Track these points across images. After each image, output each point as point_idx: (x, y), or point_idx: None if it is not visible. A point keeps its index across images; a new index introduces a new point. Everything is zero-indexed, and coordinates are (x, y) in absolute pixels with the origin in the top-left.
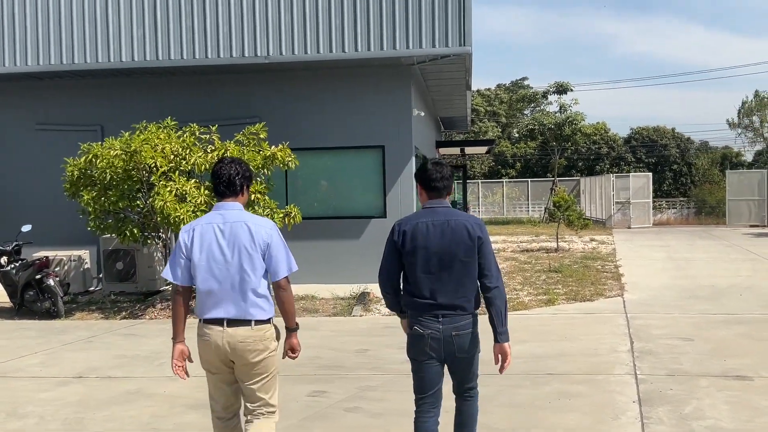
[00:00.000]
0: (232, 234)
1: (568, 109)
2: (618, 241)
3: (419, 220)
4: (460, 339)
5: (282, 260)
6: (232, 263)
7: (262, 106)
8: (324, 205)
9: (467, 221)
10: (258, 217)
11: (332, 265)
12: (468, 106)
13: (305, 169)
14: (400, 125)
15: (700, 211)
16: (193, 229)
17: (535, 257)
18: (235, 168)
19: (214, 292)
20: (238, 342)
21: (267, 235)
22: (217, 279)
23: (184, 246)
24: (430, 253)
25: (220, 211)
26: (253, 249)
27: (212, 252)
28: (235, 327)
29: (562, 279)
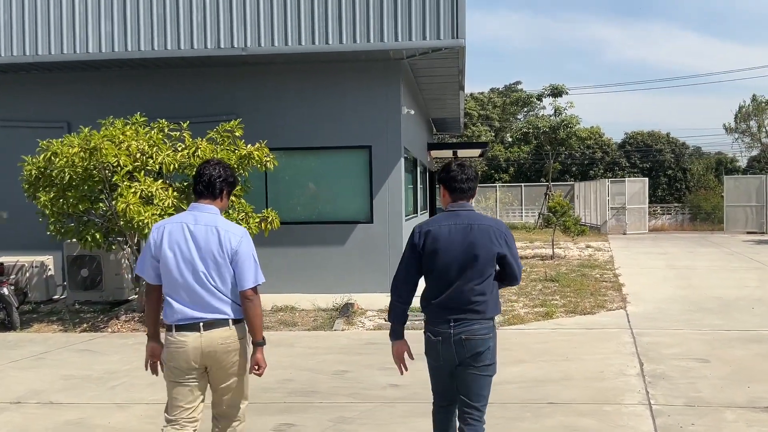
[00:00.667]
0: (201, 237)
1: (563, 113)
2: (615, 248)
3: (441, 224)
4: (470, 343)
5: (248, 270)
6: (198, 266)
7: (239, 103)
8: (306, 209)
9: (491, 224)
10: (230, 224)
11: (314, 273)
12: (461, 107)
13: (286, 171)
14: (388, 124)
15: (695, 217)
16: (163, 227)
17: (530, 265)
18: (218, 170)
19: (181, 294)
20: (218, 344)
21: (236, 242)
22: (184, 280)
23: (154, 244)
24: (450, 258)
25: (194, 212)
26: (221, 255)
27: (181, 252)
28: (213, 329)
29: (560, 289)
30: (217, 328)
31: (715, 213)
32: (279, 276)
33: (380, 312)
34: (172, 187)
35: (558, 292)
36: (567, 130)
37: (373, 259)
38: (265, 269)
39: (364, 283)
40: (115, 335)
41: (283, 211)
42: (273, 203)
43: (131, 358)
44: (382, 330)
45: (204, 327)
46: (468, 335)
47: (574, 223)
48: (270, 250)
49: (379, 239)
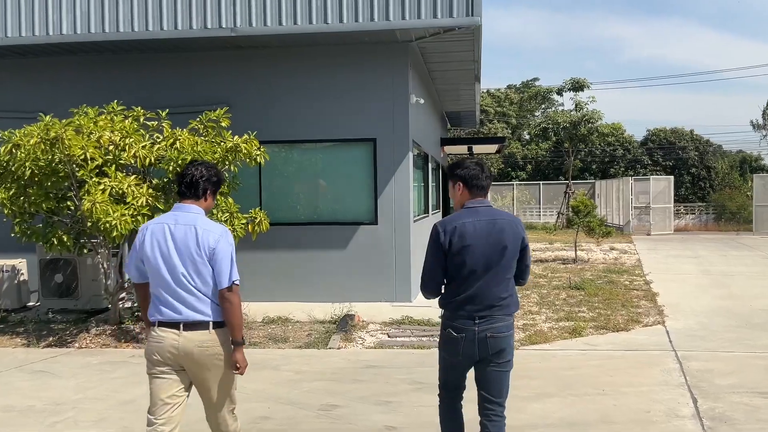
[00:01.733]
0: (180, 237)
1: (585, 107)
2: (641, 250)
3: (464, 220)
4: (495, 341)
5: (224, 269)
6: (178, 266)
7: (229, 91)
8: (304, 209)
9: (512, 221)
10: (210, 222)
11: (312, 280)
12: (477, 99)
13: (281, 166)
14: (395, 114)
15: (720, 218)
16: (147, 227)
17: (551, 269)
18: (200, 171)
19: (163, 293)
20: (195, 347)
21: (214, 241)
22: (165, 280)
23: (138, 245)
24: (476, 254)
25: (176, 212)
26: (198, 254)
27: (161, 252)
28: (192, 330)
29: (586, 299)
30: (196, 330)
31: (740, 213)
32: (273, 282)
33: (384, 325)
34: (148, 183)
35: (585, 302)
36: (588, 126)
37: (377, 264)
38: (258, 274)
39: (368, 291)
40: (81, 352)
41: (279, 210)
42: (267, 202)
43: (89, 383)
44: (383, 349)
45: (183, 327)
46: (492, 333)
47: (599, 224)
48: (263, 254)
49: (385, 242)
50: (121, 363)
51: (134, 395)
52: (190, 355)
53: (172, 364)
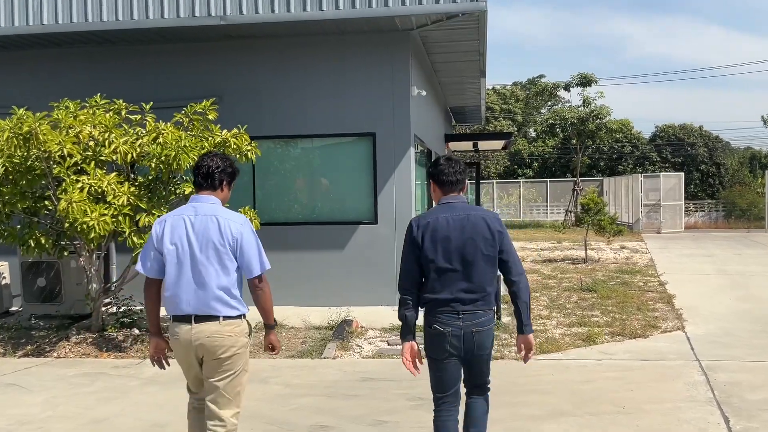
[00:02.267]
0: (202, 227)
1: (593, 103)
2: (652, 248)
3: (438, 215)
4: (480, 335)
5: (254, 258)
6: (199, 257)
7: (219, 84)
8: (300, 208)
9: (485, 215)
10: (230, 212)
11: (308, 283)
12: (482, 94)
13: (276, 163)
14: (395, 107)
15: (730, 215)
16: (165, 220)
17: (561, 269)
18: (216, 162)
19: (181, 286)
20: (206, 337)
21: (237, 231)
22: (184, 272)
23: (156, 238)
24: (451, 249)
25: (194, 204)
26: (222, 244)
27: (182, 244)
28: (203, 323)
29: (599, 301)
30: (207, 322)
31: (751, 210)
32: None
33: (384, 332)
34: (131, 181)
35: (597, 305)
36: (597, 122)
37: (377, 266)
38: None
39: (367, 294)
40: (59, 362)
41: (273, 209)
42: (261, 201)
43: (60, 398)
44: (382, 358)
45: (195, 319)
46: (477, 328)
47: (610, 222)
48: None
49: (385, 243)
50: (99, 375)
51: (107, 413)
52: (202, 346)
53: (194, 360)
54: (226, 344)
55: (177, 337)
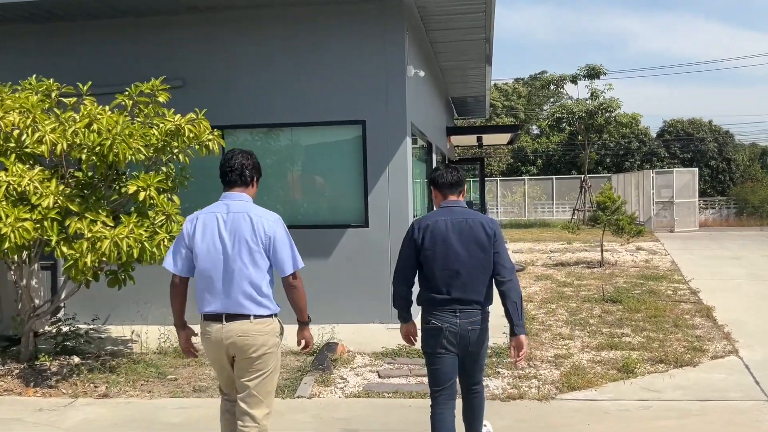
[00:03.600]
0: (234, 225)
1: (601, 96)
2: (671, 249)
3: (438, 218)
4: (474, 333)
5: (287, 256)
6: (231, 255)
7: (184, 65)
8: (277, 210)
9: (482, 219)
10: (262, 209)
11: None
12: (487, 83)
13: None
14: (388, 90)
15: (742, 212)
16: (196, 218)
17: (576, 275)
18: (247, 158)
19: (213, 284)
20: (236, 336)
21: (269, 229)
22: (216, 271)
23: (187, 235)
24: (449, 250)
25: (226, 201)
26: (254, 242)
27: (214, 242)
28: (234, 321)
29: (627, 315)
30: (237, 320)
31: (763, 207)
32: None
33: (375, 357)
34: (64, 178)
35: (626, 320)
36: (606, 116)
37: (368, 277)
38: None
39: (356, 310)
40: None
41: None
42: None
43: None
44: (371, 398)
45: (226, 318)
46: (473, 326)
47: (628, 221)
48: None
49: (377, 249)
50: (12, 424)
51: None
52: (233, 344)
53: (226, 358)
54: (257, 343)
55: (208, 336)
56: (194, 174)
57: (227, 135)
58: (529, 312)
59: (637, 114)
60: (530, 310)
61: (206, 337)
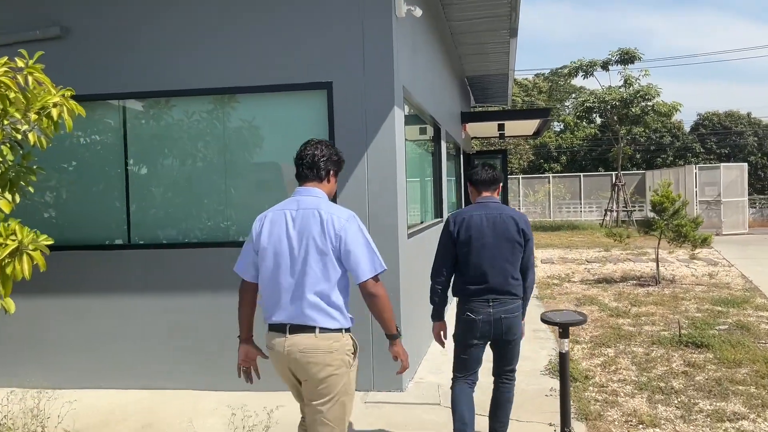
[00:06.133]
0: (303, 223)
1: (636, 83)
2: (732, 258)
3: (473, 213)
4: (508, 321)
5: (362, 258)
6: (298, 257)
7: (68, 8)
8: (194, 219)
9: (514, 215)
10: (335, 206)
11: (210, 347)
12: (512, 61)
13: (158, 140)
14: (366, 38)
15: None
16: (265, 216)
17: (629, 297)
18: (321, 149)
19: (277, 289)
20: (298, 351)
21: (340, 227)
22: (281, 274)
23: (255, 235)
24: (482, 244)
25: (297, 197)
26: (323, 242)
27: (280, 243)
28: (297, 334)
29: (726, 372)
30: (301, 333)
31: None
32: (136, 354)
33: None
34: None
35: (727, 382)
36: (642, 105)
37: None
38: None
39: None
40: None
41: (152, 221)
42: (135, 205)
43: None
44: None
45: (290, 330)
46: (506, 314)
47: (693, 227)
48: (116, 297)
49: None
50: None
51: None
52: (296, 362)
53: (288, 372)
54: (320, 362)
55: (273, 348)
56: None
57: (128, 108)
58: (579, 364)
59: (677, 103)
60: (579, 360)
61: (270, 350)
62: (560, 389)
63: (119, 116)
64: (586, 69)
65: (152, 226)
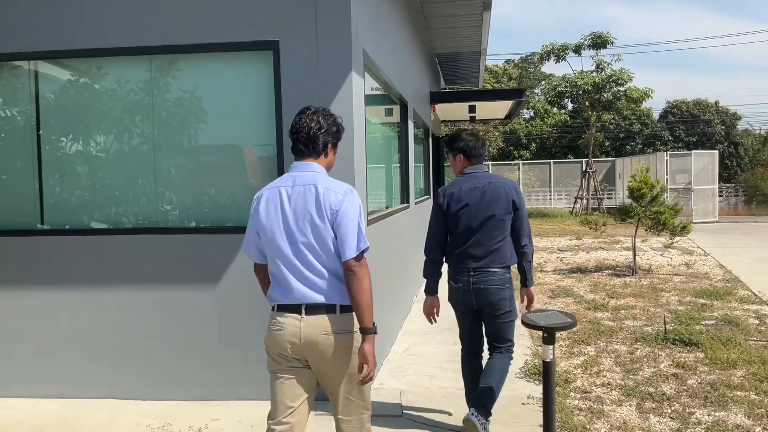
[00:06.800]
0: (299, 199)
1: (608, 68)
2: (708, 248)
3: (462, 184)
4: (486, 292)
5: (350, 234)
6: (296, 235)
7: None
8: (118, 201)
9: (504, 184)
10: (333, 181)
11: (134, 350)
12: (484, 37)
13: (74, 111)
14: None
15: (751, 200)
16: (261, 194)
17: (605, 288)
18: (317, 121)
19: (282, 269)
20: (319, 334)
21: (336, 201)
22: (283, 253)
23: (253, 215)
24: (471, 214)
25: (293, 173)
26: (320, 217)
27: (277, 220)
28: (315, 314)
29: (720, 375)
30: (320, 314)
31: None
32: (61, 351)
33: None
34: None
35: (723, 386)
36: (615, 90)
37: None
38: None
39: (257, 379)
40: None
41: (69, 205)
42: (51, 185)
43: None
44: None
45: (306, 310)
46: (485, 285)
47: (672, 214)
48: (26, 291)
49: None
50: None
51: None
52: (314, 345)
53: (295, 357)
54: (345, 344)
55: (279, 328)
56: None
57: (40, 72)
58: (557, 365)
59: (649, 89)
60: (558, 360)
61: (275, 330)
62: (543, 404)
63: (29, 81)
64: (558, 53)
65: (70, 209)
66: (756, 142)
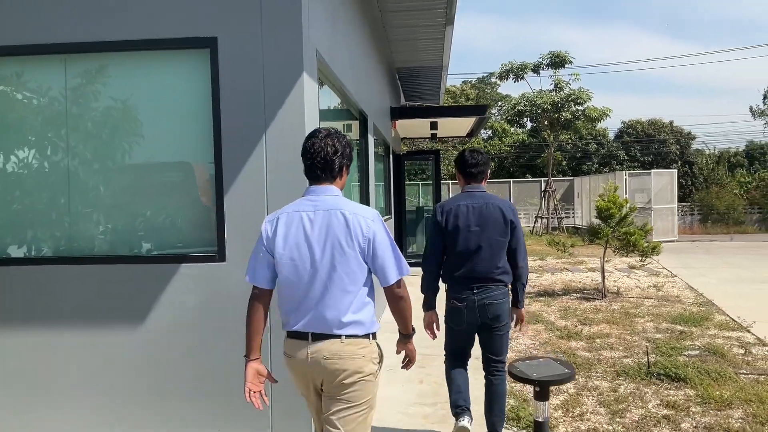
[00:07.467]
0: (324, 225)
1: (566, 87)
2: (674, 268)
3: (460, 203)
4: (492, 307)
5: (389, 261)
6: (321, 262)
7: None
8: (42, 228)
9: (501, 205)
10: (357, 205)
11: (60, 392)
12: (446, 52)
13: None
14: None
15: (706, 218)
16: (277, 218)
17: (576, 313)
18: (332, 145)
19: (298, 296)
20: (323, 358)
21: (367, 229)
22: (301, 281)
23: (266, 238)
24: (469, 233)
25: (311, 197)
26: (349, 245)
27: (298, 247)
28: (322, 341)
29: (716, 418)
30: (326, 339)
31: (730, 213)
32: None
33: None
34: None
35: (720, 428)
36: (573, 109)
37: (225, 352)
38: None
39: (206, 414)
40: None
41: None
42: None
43: None
44: None
45: (313, 337)
46: (490, 300)
47: (642, 235)
48: None
49: (245, 303)
50: None
51: None
52: (319, 367)
53: (311, 385)
54: (348, 367)
55: (292, 357)
56: None
57: None
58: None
59: (608, 108)
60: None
61: (289, 358)
62: None
63: None
64: (517, 72)
65: None
66: (710, 162)
